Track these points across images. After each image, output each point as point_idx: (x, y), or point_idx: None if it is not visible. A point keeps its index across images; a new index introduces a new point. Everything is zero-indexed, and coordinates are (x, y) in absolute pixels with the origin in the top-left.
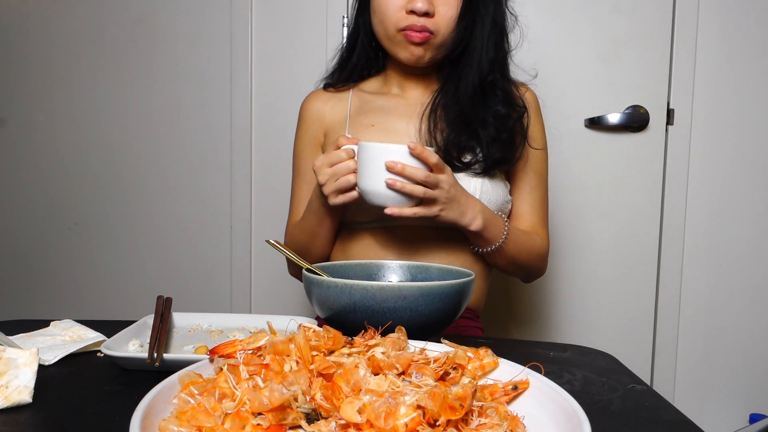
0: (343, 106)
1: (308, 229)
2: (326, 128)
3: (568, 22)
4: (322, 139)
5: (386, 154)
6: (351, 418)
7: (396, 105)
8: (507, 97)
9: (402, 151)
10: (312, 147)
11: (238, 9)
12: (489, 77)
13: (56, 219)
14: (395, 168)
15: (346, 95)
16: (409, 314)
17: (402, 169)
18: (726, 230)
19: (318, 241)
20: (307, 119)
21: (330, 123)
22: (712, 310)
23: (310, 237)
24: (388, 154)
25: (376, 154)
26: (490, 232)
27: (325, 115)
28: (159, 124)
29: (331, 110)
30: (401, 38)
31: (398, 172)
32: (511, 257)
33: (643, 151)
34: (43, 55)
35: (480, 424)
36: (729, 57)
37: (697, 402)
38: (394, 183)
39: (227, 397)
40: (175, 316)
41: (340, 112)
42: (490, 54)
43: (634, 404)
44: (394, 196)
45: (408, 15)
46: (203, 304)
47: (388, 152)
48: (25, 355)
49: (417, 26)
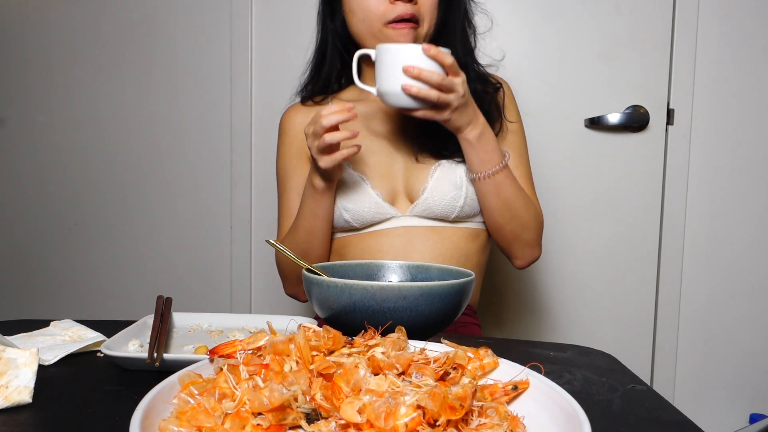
0: None
1: (304, 224)
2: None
3: (568, 22)
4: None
5: (402, 56)
6: (351, 418)
7: (377, 109)
8: (480, 75)
9: (417, 51)
10: (298, 160)
11: (238, 9)
12: (462, 60)
13: (56, 219)
14: (412, 72)
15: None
16: (409, 314)
17: (419, 73)
18: (726, 230)
19: (315, 239)
20: (290, 133)
21: None
22: (712, 310)
23: (308, 234)
24: (404, 55)
25: (393, 56)
26: (487, 152)
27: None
28: (159, 124)
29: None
30: (389, 31)
31: (415, 76)
32: (506, 198)
33: (643, 151)
34: (43, 55)
35: (480, 424)
36: (729, 57)
37: (697, 402)
38: (410, 88)
39: (227, 397)
40: (175, 316)
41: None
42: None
43: (634, 404)
44: (400, 98)
45: (393, 5)
46: (203, 304)
47: (403, 54)
48: (25, 355)
49: (407, 14)
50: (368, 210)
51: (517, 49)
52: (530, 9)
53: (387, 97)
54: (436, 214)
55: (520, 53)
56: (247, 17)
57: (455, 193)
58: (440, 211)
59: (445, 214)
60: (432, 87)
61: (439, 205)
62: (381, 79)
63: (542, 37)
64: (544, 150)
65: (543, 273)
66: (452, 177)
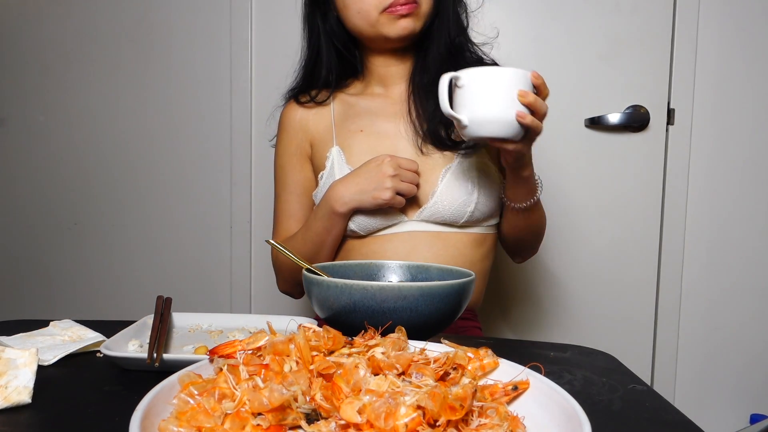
0: (327, 113)
1: (314, 238)
2: (312, 138)
3: (568, 22)
4: (309, 150)
5: (516, 81)
6: (351, 418)
7: (381, 105)
8: (476, 57)
9: (526, 77)
10: (298, 158)
11: (238, 9)
12: (456, 39)
13: (56, 219)
14: (526, 99)
15: (329, 102)
16: (409, 314)
17: (533, 101)
18: (726, 230)
19: (324, 250)
20: (290, 129)
21: (315, 132)
22: (712, 309)
23: (316, 247)
24: (517, 81)
25: (505, 80)
26: (529, 187)
27: (309, 124)
28: (159, 124)
29: (315, 119)
30: (386, 18)
31: (529, 104)
32: (533, 220)
33: (644, 151)
34: (43, 55)
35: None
36: (729, 57)
37: (698, 402)
38: (525, 117)
39: (227, 397)
40: (175, 316)
41: (325, 120)
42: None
43: (635, 404)
44: (507, 126)
45: None
46: (203, 304)
47: (516, 79)
48: (24, 355)
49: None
50: (375, 219)
51: (517, 49)
52: (530, 9)
53: (487, 126)
54: (445, 219)
55: (521, 53)
56: (247, 17)
57: (465, 199)
58: (449, 216)
59: (453, 219)
60: (539, 117)
61: (448, 211)
62: (485, 105)
63: (542, 37)
64: (544, 150)
65: (543, 273)
66: (463, 182)
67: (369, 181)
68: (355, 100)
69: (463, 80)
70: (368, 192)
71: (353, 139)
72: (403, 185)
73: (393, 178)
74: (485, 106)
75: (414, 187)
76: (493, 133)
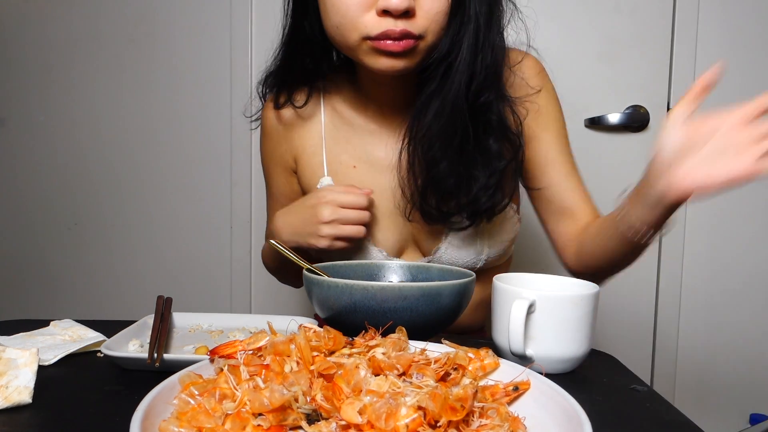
0: (316, 128)
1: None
2: (297, 155)
3: (568, 22)
4: (294, 165)
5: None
6: (352, 418)
7: (375, 130)
8: (501, 124)
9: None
10: (282, 169)
11: (238, 9)
12: (481, 97)
13: (56, 219)
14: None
15: (318, 110)
16: (410, 314)
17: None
18: (726, 230)
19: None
20: (273, 135)
21: (301, 148)
22: (712, 310)
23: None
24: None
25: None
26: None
27: (293, 136)
28: (159, 124)
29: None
30: (368, 47)
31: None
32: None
33: (644, 151)
34: (43, 55)
35: (481, 425)
36: (729, 57)
37: (698, 402)
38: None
39: (228, 397)
40: (175, 316)
41: (313, 136)
42: (486, 59)
43: (635, 405)
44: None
45: (380, 18)
46: (203, 304)
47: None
48: (24, 355)
49: (395, 33)
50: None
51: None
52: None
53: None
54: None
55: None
56: (247, 17)
57: (473, 258)
58: (459, 265)
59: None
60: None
61: (457, 264)
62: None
63: (542, 37)
64: None
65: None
66: (470, 242)
67: (305, 224)
68: (348, 113)
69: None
70: (303, 236)
71: (345, 174)
72: (345, 230)
73: (330, 224)
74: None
75: (360, 228)
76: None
